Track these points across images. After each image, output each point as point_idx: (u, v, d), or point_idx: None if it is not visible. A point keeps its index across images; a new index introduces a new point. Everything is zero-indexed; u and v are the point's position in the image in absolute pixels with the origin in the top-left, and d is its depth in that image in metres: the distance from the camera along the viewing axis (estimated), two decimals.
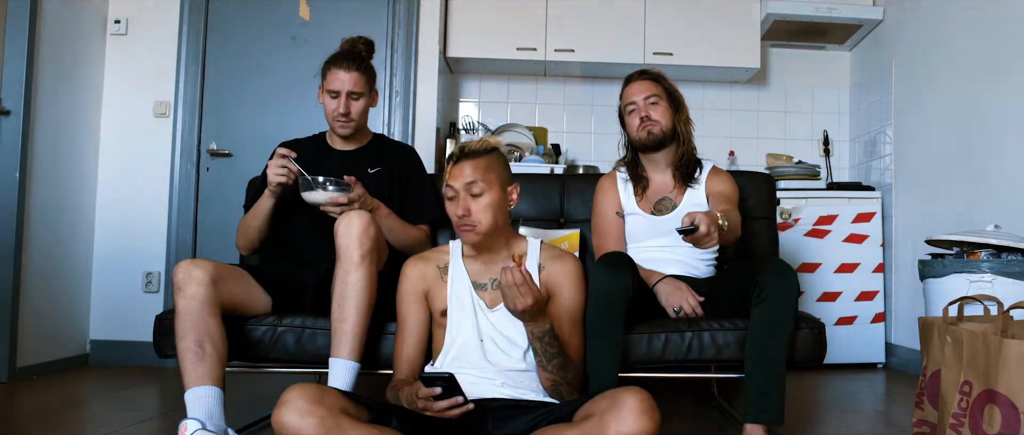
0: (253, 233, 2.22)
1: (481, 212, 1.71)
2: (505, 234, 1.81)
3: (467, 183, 1.70)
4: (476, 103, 4.14)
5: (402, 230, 2.21)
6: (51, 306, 3.23)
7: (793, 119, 4.18)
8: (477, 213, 1.70)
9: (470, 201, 1.70)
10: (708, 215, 1.83)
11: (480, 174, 1.71)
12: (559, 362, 1.67)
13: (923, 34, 3.41)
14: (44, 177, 3.16)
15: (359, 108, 2.24)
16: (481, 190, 1.70)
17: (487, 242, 1.76)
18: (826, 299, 3.54)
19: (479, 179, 1.70)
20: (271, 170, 2.09)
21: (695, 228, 1.80)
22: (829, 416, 2.51)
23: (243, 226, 2.26)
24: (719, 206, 2.17)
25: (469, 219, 1.70)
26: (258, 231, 2.21)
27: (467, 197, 1.71)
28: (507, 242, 1.83)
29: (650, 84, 2.26)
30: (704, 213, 1.83)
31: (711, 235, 1.82)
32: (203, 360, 1.75)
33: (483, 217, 1.71)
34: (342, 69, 2.19)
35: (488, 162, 1.73)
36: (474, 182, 1.70)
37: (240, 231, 2.27)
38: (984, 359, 1.58)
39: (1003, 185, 2.79)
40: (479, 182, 1.70)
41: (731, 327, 2.00)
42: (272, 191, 2.12)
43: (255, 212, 2.20)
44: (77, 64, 3.39)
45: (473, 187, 1.70)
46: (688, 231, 1.81)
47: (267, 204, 2.16)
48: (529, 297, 1.56)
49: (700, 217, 1.81)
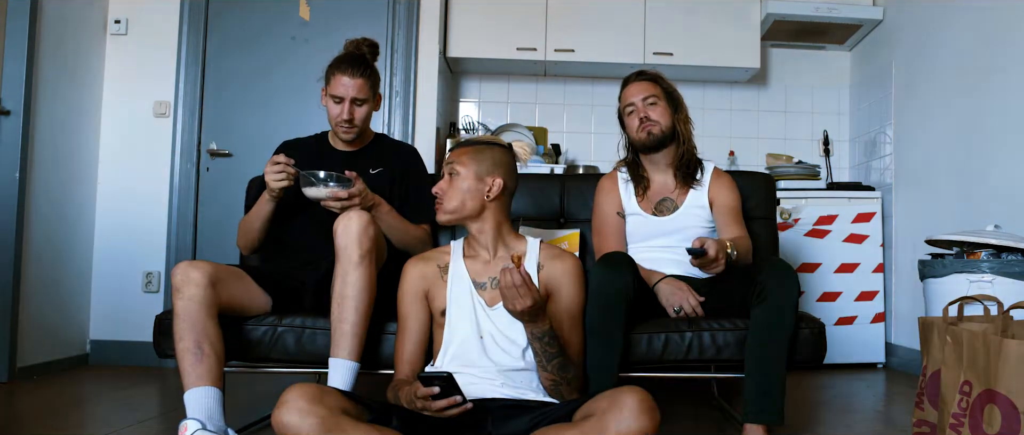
0: (253, 234, 2.21)
1: (451, 193, 1.80)
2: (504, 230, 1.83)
3: (449, 165, 1.82)
4: (476, 103, 4.14)
5: (403, 228, 2.20)
6: (51, 306, 3.23)
7: (793, 119, 4.18)
8: (446, 194, 1.80)
9: (445, 180, 1.81)
10: (718, 243, 1.87)
11: (460, 157, 1.81)
12: (559, 362, 1.67)
13: (923, 34, 3.41)
14: (44, 177, 3.16)
15: (362, 114, 2.22)
16: (455, 172, 1.80)
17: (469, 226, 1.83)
18: (826, 299, 3.54)
19: (456, 162, 1.81)
20: (269, 176, 2.06)
21: (704, 252, 1.83)
22: (829, 416, 2.51)
23: (243, 227, 2.25)
24: (729, 228, 2.20)
25: (438, 199, 1.82)
26: (258, 232, 2.21)
27: (447, 178, 1.81)
28: (505, 240, 1.83)
29: (648, 85, 2.26)
30: (714, 240, 1.87)
31: (718, 262, 1.87)
32: (202, 361, 1.75)
33: (452, 199, 1.80)
34: (346, 75, 2.16)
35: (476, 150, 1.82)
36: (452, 163, 1.81)
37: (241, 232, 2.26)
38: (984, 359, 1.58)
39: (1003, 185, 2.79)
40: (456, 164, 1.80)
41: (731, 327, 2.00)
42: (273, 196, 2.11)
43: (255, 214, 2.19)
44: (77, 64, 3.39)
45: (449, 167, 1.82)
46: (697, 254, 1.84)
47: (267, 208, 2.15)
48: (528, 298, 1.56)
49: (710, 243, 1.86)
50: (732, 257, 1.91)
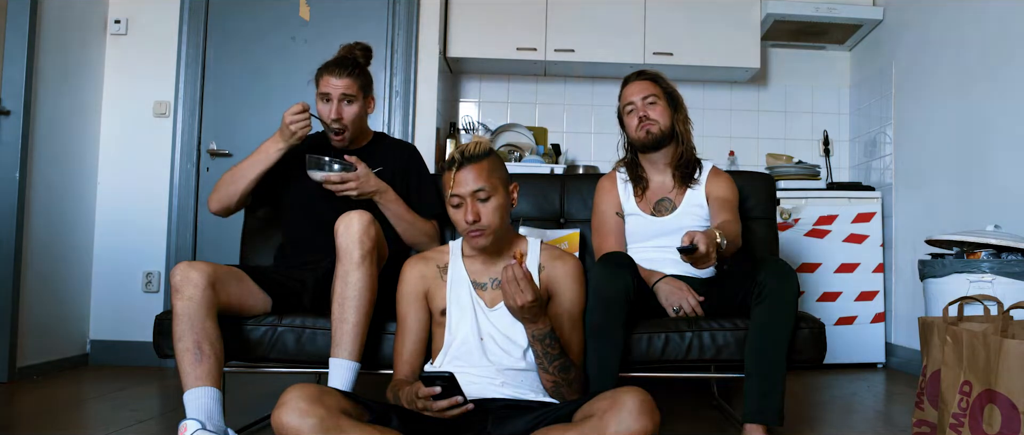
0: (239, 187, 2.15)
1: (490, 216, 1.70)
2: (507, 233, 1.81)
3: (473, 190, 1.69)
4: (476, 103, 4.14)
5: (410, 219, 2.22)
6: (51, 306, 3.23)
7: (793, 119, 4.18)
8: (487, 217, 1.70)
9: (478, 206, 1.70)
10: (707, 235, 1.86)
11: (485, 178, 1.70)
12: (560, 364, 1.67)
13: (923, 34, 3.41)
14: (44, 177, 3.16)
15: (352, 113, 2.22)
16: (487, 194, 1.70)
17: (494, 243, 1.76)
18: (826, 299, 3.54)
19: (485, 183, 1.69)
20: (291, 117, 2.07)
21: (694, 248, 1.82)
22: (829, 416, 2.51)
23: (228, 177, 2.18)
24: (720, 215, 2.18)
25: (479, 224, 1.70)
26: (246, 187, 2.16)
27: (475, 203, 1.70)
28: (508, 241, 1.83)
29: (648, 84, 2.26)
30: (702, 233, 1.86)
31: (710, 256, 1.86)
32: (201, 361, 1.75)
33: (492, 220, 1.71)
34: (333, 75, 2.19)
35: (490, 164, 1.73)
36: (480, 188, 1.69)
37: (222, 183, 2.19)
38: (984, 359, 1.58)
39: (1003, 185, 2.79)
40: (485, 187, 1.69)
41: (731, 327, 2.00)
42: (288, 143, 2.12)
43: (251, 163, 2.15)
44: (77, 64, 3.39)
45: (480, 193, 1.69)
46: (687, 251, 1.83)
47: (272, 158, 2.14)
48: (529, 293, 1.56)
49: (699, 237, 1.84)
50: (722, 247, 1.90)
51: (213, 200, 2.21)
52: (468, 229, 1.70)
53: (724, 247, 1.91)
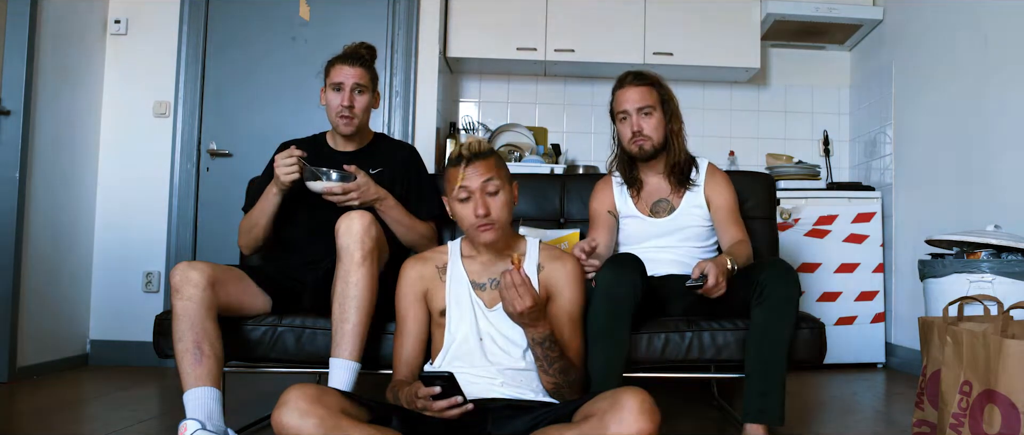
0: (259, 232, 2.22)
1: (499, 210, 1.72)
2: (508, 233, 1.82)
3: (484, 182, 1.70)
4: (476, 103, 4.14)
5: (409, 223, 2.22)
6: (51, 306, 3.23)
7: (793, 119, 4.18)
8: (496, 211, 1.71)
9: (488, 200, 1.71)
10: (717, 264, 1.86)
11: (494, 172, 1.72)
12: (561, 365, 1.67)
13: (923, 34, 3.41)
14: (44, 177, 3.15)
15: (363, 103, 2.24)
16: (496, 188, 1.71)
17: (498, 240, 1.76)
18: (826, 299, 3.54)
19: (494, 176, 1.71)
20: (280, 168, 2.09)
21: (703, 282, 1.82)
22: (829, 416, 2.51)
23: (246, 225, 2.25)
24: (727, 229, 2.18)
25: (489, 218, 1.70)
26: (263, 230, 2.21)
27: (484, 196, 1.70)
28: (508, 241, 1.83)
29: (645, 93, 2.21)
30: (713, 262, 1.86)
31: (720, 286, 1.85)
32: (201, 362, 1.75)
33: (501, 215, 1.72)
34: (347, 64, 2.22)
35: (497, 160, 1.76)
36: (490, 179, 1.70)
37: (243, 230, 2.26)
38: (984, 359, 1.58)
39: (1003, 185, 2.79)
40: (495, 179, 1.71)
41: (731, 327, 2.00)
42: (281, 188, 2.12)
43: (260, 210, 2.19)
44: (77, 64, 3.39)
45: (489, 185, 1.71)
46: (698, 285, 1.84)
47: (273, 201, 2.16)
48: (528, 298, 1.56)
49: (709, 267, 1.84)
50: (734, 272, 1.91)
51: (241, 245, 2.29)
52: (478, 222, 1.70)
53: (735, 271, 1.93)
